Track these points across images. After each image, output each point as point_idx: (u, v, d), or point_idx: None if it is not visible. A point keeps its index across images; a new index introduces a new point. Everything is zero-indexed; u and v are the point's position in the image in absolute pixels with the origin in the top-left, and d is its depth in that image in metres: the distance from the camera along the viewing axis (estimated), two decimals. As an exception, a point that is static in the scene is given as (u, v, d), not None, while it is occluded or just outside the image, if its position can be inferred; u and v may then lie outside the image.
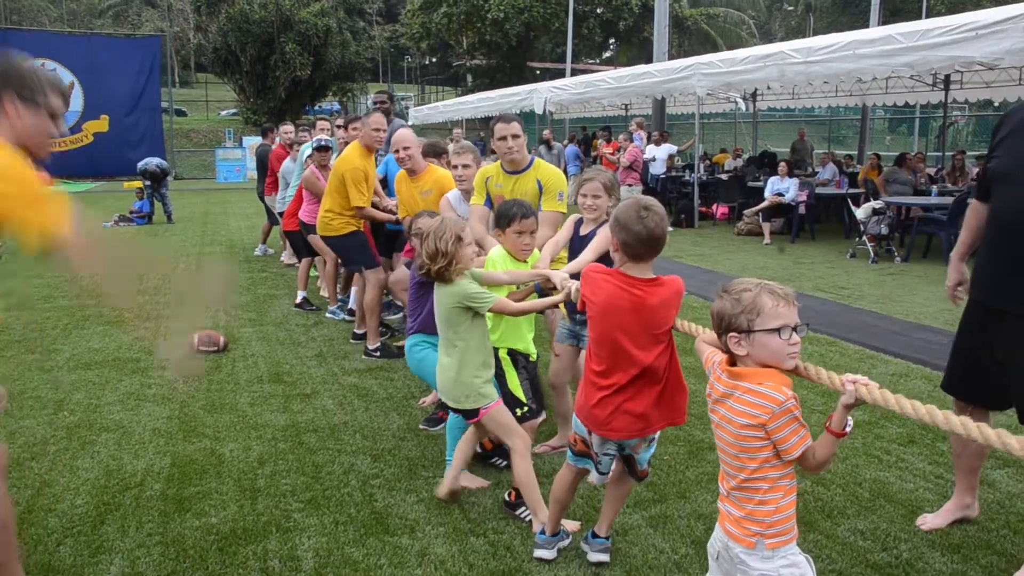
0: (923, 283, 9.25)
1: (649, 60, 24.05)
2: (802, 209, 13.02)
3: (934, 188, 13.22)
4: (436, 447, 4.40)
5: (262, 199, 10.90)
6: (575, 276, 3.29)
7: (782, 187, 13.17)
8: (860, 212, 11.39)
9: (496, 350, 3.63)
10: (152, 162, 16.12)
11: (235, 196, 22.92)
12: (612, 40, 47.14)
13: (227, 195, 23.44)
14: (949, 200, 11.23)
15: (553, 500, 3.22)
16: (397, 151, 5.80)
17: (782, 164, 13.92)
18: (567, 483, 3.18)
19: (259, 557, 3.27)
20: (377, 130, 6.18)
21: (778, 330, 2.16)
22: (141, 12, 61.48)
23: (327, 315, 7.70)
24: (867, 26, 15.41)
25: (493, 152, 5.01)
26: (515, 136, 4.62)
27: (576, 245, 3.91)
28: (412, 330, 4.23)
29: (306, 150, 8.26)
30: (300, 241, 8.23)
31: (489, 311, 3.38)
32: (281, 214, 9.16)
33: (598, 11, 41.74)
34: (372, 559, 3.25)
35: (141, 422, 4.84)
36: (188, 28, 52.89)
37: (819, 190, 13.96)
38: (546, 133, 18.12)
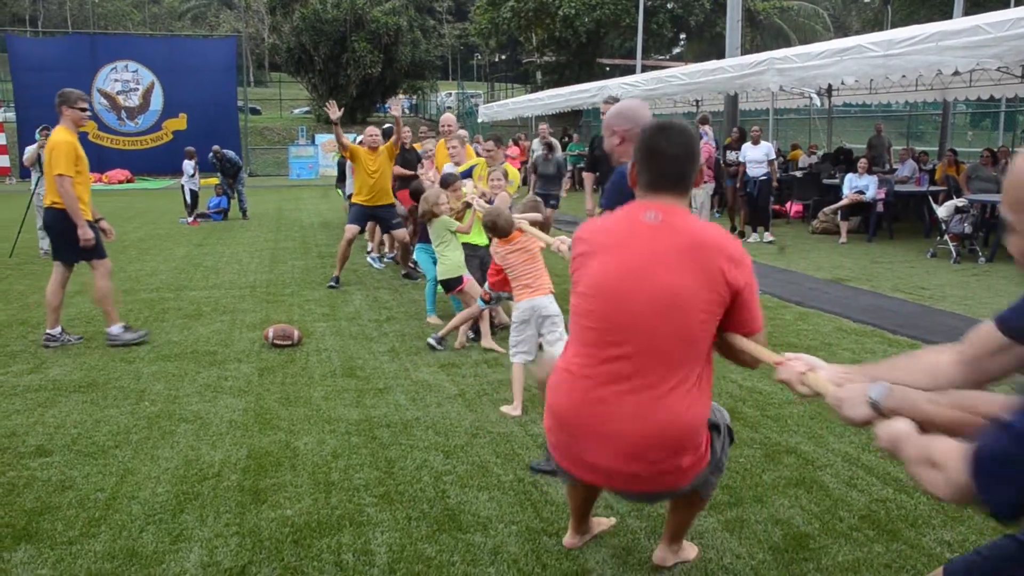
0: (1009, 284, 8.88)
1: (719, 56, 23.62)
2: (880, 207, 12.65)
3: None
4: (508, 445, 4.40)
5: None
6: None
7: (861, 184, 12.82)
8: (942, 210, 11.01)
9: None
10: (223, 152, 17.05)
11: (307, 193, 23.37)
12: (683, 35, 46.56)
13: (300, 192, 23.92)
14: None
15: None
16: (445, 127, 9.34)
17: (862, 160, 13.54)
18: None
19: (333, 550, 3.30)
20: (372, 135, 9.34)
21: None
22: (219, 13, 63.14)
23: (368, 259, 10.57)
24: (949, 18, 14.81)
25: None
26: (489, 149, 7.69)
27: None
28: (419, 240, 7.49)
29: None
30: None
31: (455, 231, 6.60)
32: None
33: (668, 6, 41.26)
34: (445, 556, 3.26)
35: (218, 414, 4.95)
36: (263, 28, 54.10)
37: (898, 187, 13.54)
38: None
